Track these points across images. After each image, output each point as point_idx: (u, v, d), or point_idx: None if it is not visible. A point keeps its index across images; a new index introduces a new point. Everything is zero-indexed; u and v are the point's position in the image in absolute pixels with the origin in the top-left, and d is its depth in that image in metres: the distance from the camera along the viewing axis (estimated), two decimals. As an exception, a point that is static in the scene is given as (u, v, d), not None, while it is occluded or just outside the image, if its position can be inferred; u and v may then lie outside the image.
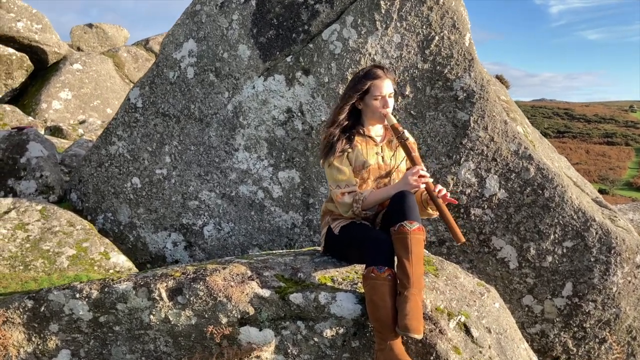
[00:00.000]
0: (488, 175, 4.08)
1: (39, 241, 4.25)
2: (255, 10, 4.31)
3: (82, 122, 11.59)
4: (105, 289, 2.48)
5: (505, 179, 4.06)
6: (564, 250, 4.04)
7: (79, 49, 15.32)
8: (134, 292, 2.45)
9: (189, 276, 2.48)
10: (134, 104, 4.68)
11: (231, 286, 2.42)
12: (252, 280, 2.47)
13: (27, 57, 11.86)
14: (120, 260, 4.30)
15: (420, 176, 2.62)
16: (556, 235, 4.03)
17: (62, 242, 4.29)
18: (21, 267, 3.99)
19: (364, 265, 2.53)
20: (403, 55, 4.09)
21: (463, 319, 2.61)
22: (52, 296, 2.52)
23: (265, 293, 2.44)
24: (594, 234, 4.00)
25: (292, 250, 3.22)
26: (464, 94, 4.04)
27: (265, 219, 4.45)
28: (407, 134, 2.80)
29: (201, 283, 2.42)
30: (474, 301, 2.80)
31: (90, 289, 2.49)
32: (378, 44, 4.09)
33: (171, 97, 4.56)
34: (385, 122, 2.81)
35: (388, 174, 2.84)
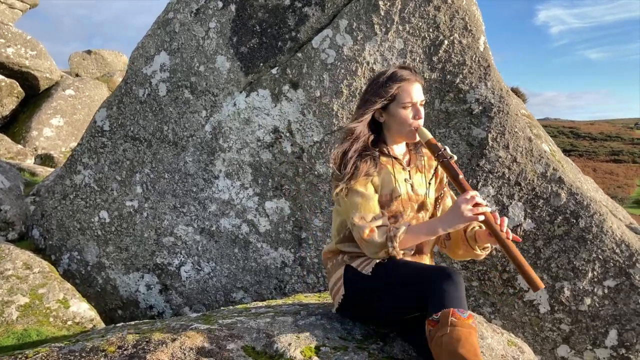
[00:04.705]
0: (511, 202, 3.44)
1: (-14, 288, 3.63)
2: (235, 17, 3.74)
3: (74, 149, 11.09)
4: (13, 372, 1.85)
5: (532, 207, 3.42)
6: (605, 291, 3.38)
7: (77, 75, 14.93)
8: (49, 376, 1.82)
9: (125, 352, 1.85)
10: (101, 127, 4.10)
11: (180, 366, 1.78)
12: (211, 356, 1.84)
13: (17, 83, 11.43)
14: (81, 309, 3.67)
15: (476, 204, 1.92)
16: (595, 273, 3.37)
17: (14, 289, 3.67)
18: (-40, 322, 3.36)
19: (369, 326, 1.89)
20: (407, 64, 3.49)
21: (495, 400, 1.96)
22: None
23: (227, 375, 1.80)
24: (641, 270, 3.34)
25: (272, 304, 2.58)
26: (480, 107, 3.43)
27: (250, 257, 3.82)
28: (449, 150, 2.04)
29: (139, 363, 1.78)
30: (507, 371, 2.15)
31: (-7, 371, 1.86)
32: (377, 50, 3.50)
33: (141, 118, 3.98)
34: (417, 139, 2.11)
35: (420, 208, 2.15)
